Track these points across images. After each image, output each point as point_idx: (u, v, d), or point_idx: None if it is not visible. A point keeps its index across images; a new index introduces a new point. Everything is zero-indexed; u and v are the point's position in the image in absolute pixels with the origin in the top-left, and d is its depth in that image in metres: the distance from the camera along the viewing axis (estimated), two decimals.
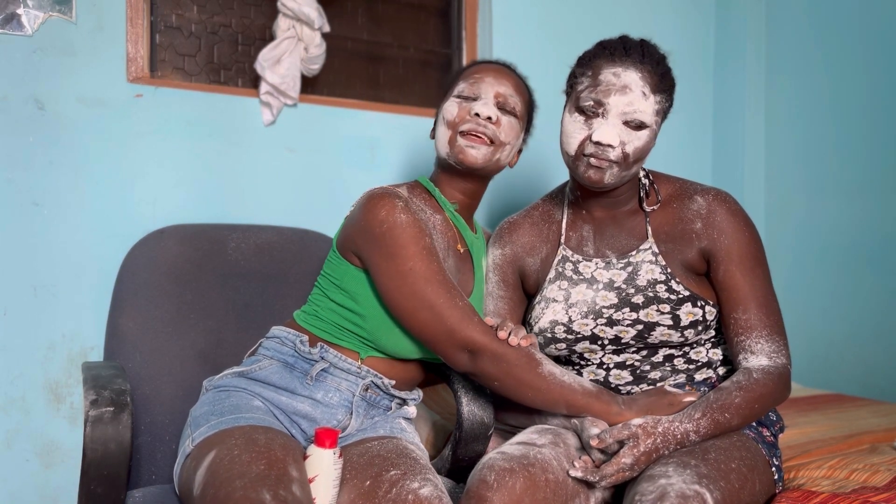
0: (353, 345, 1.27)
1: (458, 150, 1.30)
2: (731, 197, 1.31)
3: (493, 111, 1.29)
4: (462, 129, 1.29)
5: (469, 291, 1.36)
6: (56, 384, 1.66)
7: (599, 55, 1.24)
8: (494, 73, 1.34)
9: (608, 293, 1.29)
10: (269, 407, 1.24)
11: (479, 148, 1.29)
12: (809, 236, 2.38)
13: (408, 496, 1.07)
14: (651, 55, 1.24)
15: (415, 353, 1.28)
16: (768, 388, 1.21)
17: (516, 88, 1.35)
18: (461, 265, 1.36)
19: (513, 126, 1.33)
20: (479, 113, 1.28)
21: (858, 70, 2.24)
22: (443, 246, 1.32)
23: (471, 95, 1.32)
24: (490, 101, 1.31)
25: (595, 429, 1.19)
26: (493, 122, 1.29)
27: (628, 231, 1.33)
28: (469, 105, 1.31)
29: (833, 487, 1.25)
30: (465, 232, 1.38)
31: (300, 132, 1.91)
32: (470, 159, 1.29)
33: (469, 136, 1.29)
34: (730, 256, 1.26)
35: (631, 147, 1.22)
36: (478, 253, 1.41)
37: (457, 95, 1.33)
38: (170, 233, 1.56)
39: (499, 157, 1.33)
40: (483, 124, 1.29)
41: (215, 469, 1.04)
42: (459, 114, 1.30)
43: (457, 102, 1.32)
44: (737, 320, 1.26)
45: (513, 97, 1.33)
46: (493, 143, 1.30)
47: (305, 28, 1.82)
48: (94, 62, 1.68)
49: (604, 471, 1.12)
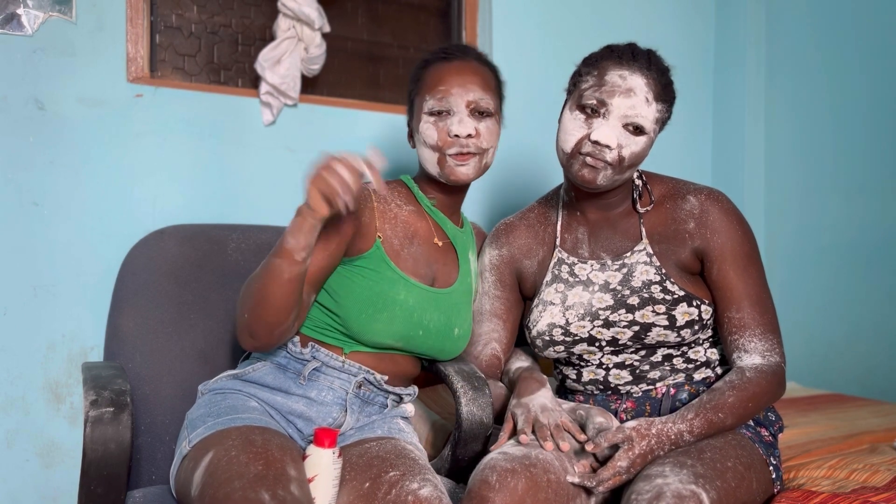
0: (337, 340, 1.28)
1: (450, 171, 1.30)
2: (723, 196, 1.31)
3: (469, 126, 1.28)
4: (449, 152, 1.29)
5: (451, 283, 1.37)
6: (56, 384, 1.66)
7: (607, 57, 1.25)
8: (458, 79, 1.29)
9: (604, 295, 1.29)
10: (265, 407, 1.24)
11: (468, 164, 1.30)
12: (809, 236, 2.38)
13: (407, 497, 1.07)
14: (657, 64, 1.25)
15: (391, 342, 1.28)
16: (762, 387, 1.21)
17: (484, 85, 1.31)
18: (439, 256, 1.36)
19: (491, 127, 1.32)
20: (459, 134, 1.27)
21: (858, 70, 2.24)
22: (402, 235, 1.31)
23: (443, 110, 1.29)
24: (464, 115, 1.28)
25: (601, 418, 1.20)
26: (474, 136, 1.29)
27: (622, 232, 1.33)
28: (445, 124, 1.29)
29: (833, 487, 1.25)
30: (446, 225, 1.38)
31: (300, 132, 1.91)
32: (462, 177, 1.31)
33: (457, 157, 1.29)
34: (723, 255, 1.26)
35: (627, 151, 1.22)
36: (463, 245, 1.41)
37: (428, 113, 1.30)
38: (170, 233, 1.56)
39: (486, 162, 1.34)
40: (465, 144, 1.28)
41: (213, 470, 1.05)
42: (440, 136, 1.29)
43: (431, 123, 1.30)
44: (730, 319, 1.26)
45: (484, 98, 1.30)
46: (479, 153, 1.31)
47: (305, 28, 1.82)
48: (94, 62, 1.68)
49: (600, 475, 1.13)
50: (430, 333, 1.31)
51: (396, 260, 1.29)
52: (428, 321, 1.30)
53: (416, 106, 1.35)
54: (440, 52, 1.35)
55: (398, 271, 1.28)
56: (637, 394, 1.31)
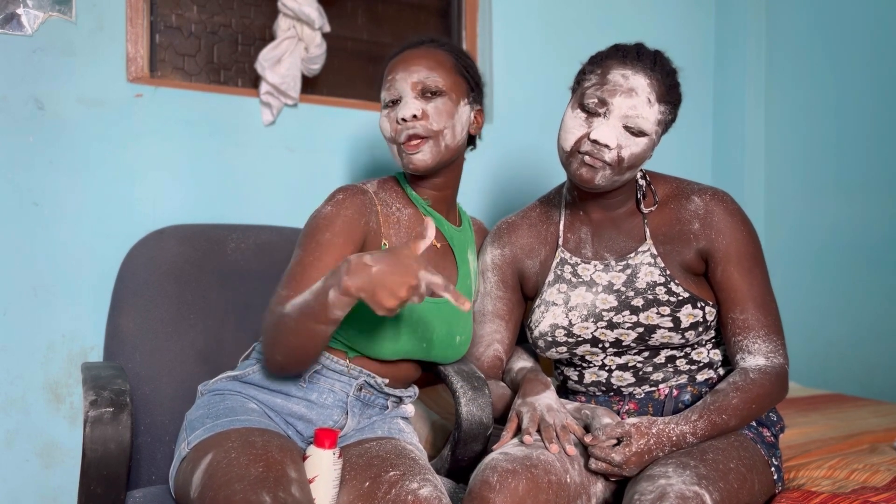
0: (340, 345, 1.26)
1: (407, 161, 1.27)
2: (728, 196, 1.30)
3: (412, 108, 1.23)
4: (400, 140, 1.25)
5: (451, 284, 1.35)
6: (56, 384, 1.66)
7: (612, 56, 1.24)
8: (402, 64, 1.27)
9: (608, 296, 1.29)
10: (265, 409, 1.24)
11: (421, 150, 1.25)
12: (809, 236, 2.38)
13: (407, 496, 1.07)
14: (662, 65, 1.23)
15: (395, 357, 1.27)
16: (765, 389, 1.21)
17: (431, 65, 1.26)
18: (438, 260, 1.34)
19: (441, 107, 1.25)
20: (404, 117, 1.23)
21: (858, 70, 2.24)
22: (406, 240, 1.29)
23: (393, 99, 1.27)
24: (409, 98, 1.25)
25: (607, 418, 1.20)
26: (420, 118, 1.24)
27: (626, 233, 1.33)
28: (394, 112, 1.27)
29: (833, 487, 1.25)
30: (443, 226, 1.36)
31: (300, 132, 1.91)
32: (419, 165, 1.26)
33: (407, 146, 1.25)
34: (728, 256, 1.26)
35: (627, 152, 1.20)
36: (461, 245, 1.38)
37: (384, 106, 1.29)
38: (170, 233, 1.56)
39: (445, 144, 1.26)
40: (410, 126, 1.23)
41: (213, 472, 1.04)
42: (391, 126, 1.27)
43: (385, 115, 1.28)
44: (734, 320, 1.26)
45: (430, 77, 1.25)
46: (430, 136, 1.25)
47: (306, 28, 1.82)
48: (94, 62, 1.68)
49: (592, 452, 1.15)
50: (434, 345, 1.29)
51: None
52: (431, 333, 1.28)
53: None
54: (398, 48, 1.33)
55: None
56: (639, 395, 1.31)
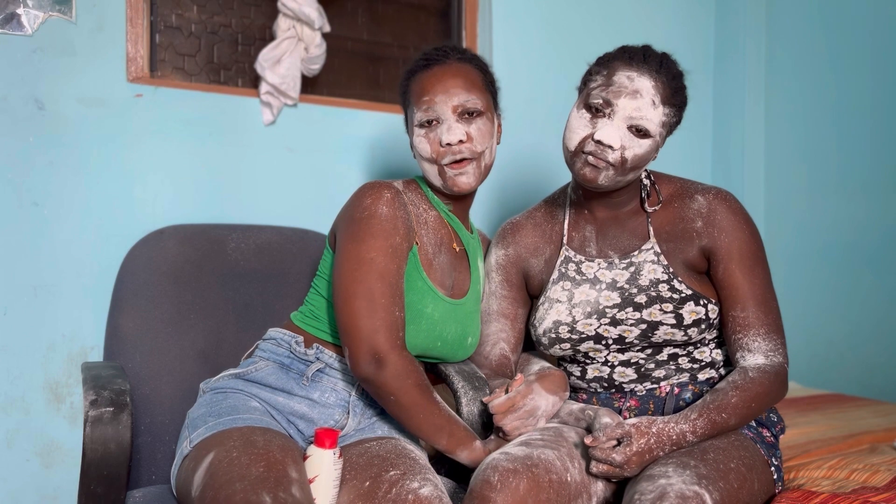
0: None
1: (452, 182, 1.29)
2: (731, 196, 1.31)
3: (459, 132, 1.26)
4: (444, 162, 1.28)
5: (465, 290, 1.36)
6: (56, 384, 1.66)
7: (618, 57, 1.25)
8: (440, 86, 1.28)
9: (611, 293, 1.29)
10: (266, 408, 1.24)
11: (466, 171, 1.28)
12: (809, 236, 2.38)
13: (408, 496, 1.07)
14: (668, 68, 1.24)
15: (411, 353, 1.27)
16: (765, 388, 1.22)
17: (467, 85, 1.29)
18: (457, 264, 1.36)
19: (482, 127, 1.29)
20: (450, 142, 1.26)
21: (858, 70, 2.24)
22: (434, 242, 1.31)
23: (431, 120, 1.28)
24: (451, 121, 1.27)
25: (608, 419, 1.20)
26: (465, 141, 1.27)
27: (630, 231, 1.34)
28: (436, 134, 1.28)
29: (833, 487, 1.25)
30: (461, 231, 1.38)
31: (300, 132, 1.91)
32: (465, 187, 1.30)
33: (453, 166, 1.28)
34: (730, 255, 1.26)
35: (630, 153, 1.22)
36: (473, 252, 1.41)
37: (419, 125, 1.30)
38: (170, 233, 1.56)
39: (485, 164, 1.32)
40: (457, 150, 1.27)
41: (214, 471, 1.04)
42: (433, 148, 1.28)
43: (423, 135, 1.29)
44: (735, 318, 1.26)
45: (469, 99, 1.28)
46: (475, 157, 1.29)
47: (306, 28, 1.82)
48: (94, 62, 1.68)
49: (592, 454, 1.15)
50: (447, 344, 1.31)
51: (429, 270, 1.28)
52: (447, 333, 1.29)
53: (408, 118, 1.34)
54: (421, 59, 1.33)
55: (429, 283, 1.27)
56: (641, 392, 1.31)
